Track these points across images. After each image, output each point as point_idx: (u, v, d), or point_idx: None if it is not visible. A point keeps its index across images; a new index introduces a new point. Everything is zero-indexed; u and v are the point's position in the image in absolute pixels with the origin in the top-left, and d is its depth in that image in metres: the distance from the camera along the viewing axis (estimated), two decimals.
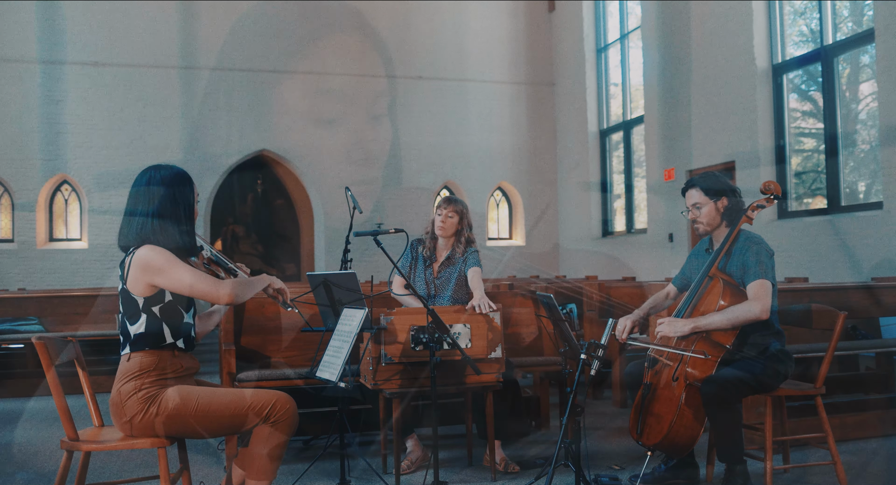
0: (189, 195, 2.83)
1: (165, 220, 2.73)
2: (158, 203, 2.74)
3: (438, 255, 4.26)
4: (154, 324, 2.69)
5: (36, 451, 4.55)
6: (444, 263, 4.22)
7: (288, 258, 14.46)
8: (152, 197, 2.75)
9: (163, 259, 2.66)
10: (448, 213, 4.19)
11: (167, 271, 2.65)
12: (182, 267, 2.67)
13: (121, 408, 2.64)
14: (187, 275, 2.66)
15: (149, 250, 2.68)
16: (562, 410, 3.50)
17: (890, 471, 3.82)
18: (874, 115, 7.33)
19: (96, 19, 11.21)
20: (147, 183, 2.78)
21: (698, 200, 3.54)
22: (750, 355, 3.36)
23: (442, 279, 4.21)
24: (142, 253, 2.68)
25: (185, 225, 2.79)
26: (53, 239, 11.34)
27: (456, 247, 4.22)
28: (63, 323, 6.94)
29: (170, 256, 2.67)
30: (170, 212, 2.75)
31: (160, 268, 2.65)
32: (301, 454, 4.33)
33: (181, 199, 2.79)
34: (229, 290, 2.69)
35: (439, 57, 12.59)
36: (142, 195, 2.76)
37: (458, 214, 4.20)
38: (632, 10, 11.69)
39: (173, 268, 2.65)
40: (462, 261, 4.20)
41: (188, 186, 2.84)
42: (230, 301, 2.70)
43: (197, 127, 11.53)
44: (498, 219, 13.31)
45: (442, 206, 4.23)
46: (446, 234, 4.21)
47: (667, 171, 9.97)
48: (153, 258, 2.66)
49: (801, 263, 7.64)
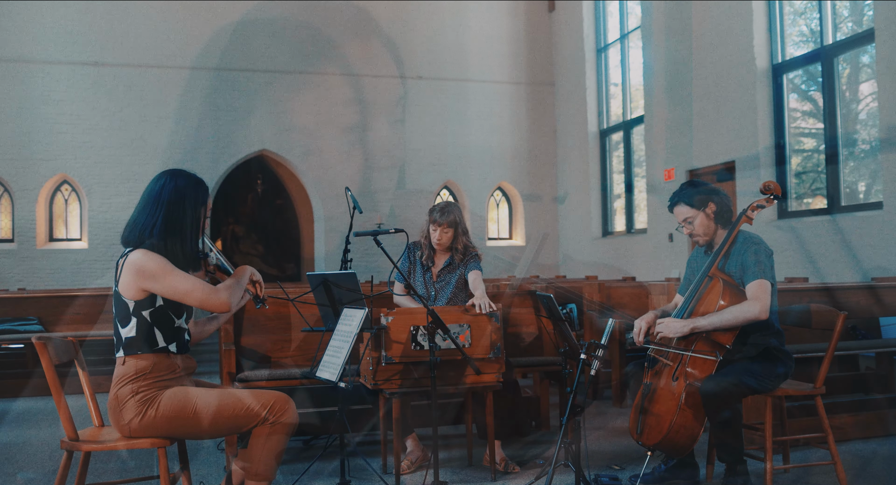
0: (198, 209, 2.75)
1: (169, 231, 2.68)
2: (165, 212, 2.69)
3: (437, 261, 4.26)
4: (145, 328, 2.65)
5: (36, 451, 4.55)
6: (445, 270, 4.23)
7: (288, 258, 14.47)
8: (161, 204, 2.70)
9: (157, 265, 2.61)
10: (444, 229, 4.15)
11: (161, 278, 2.60)
12: (177, 274, 2.62)
13: (118, 412, 2.63)
14: (183, 282, 2.61)
15: (142, 255, 2.62)
16: (562, 410, 3.50)
17: (890, 471, 3.81)
18: (874, 115, 7.33)
19: (96, 19, 11.21)
20: (160, 189, 2.72)
21: (688, 214, 3.52)
22: (750, 355, 3.36)
23: (441, 284, 4.21)
24: (135, 257, 2.63)
25: (189, 240, 2.72)
26: (53, 239, 11.34)
27: (454, 255, 4.22)
28: (63, 323, 6.95)
29: (164, 263, 2.62)
30: (175, 225, 2.69)
31: (154, 274, 2.60)
32: (301, 454, 4.33)
33: (189, 213, 2.72)
34: (226, 298, 2.65)
35: (439, 57, 12.59)
36: (152, 200, 2.72)
37: (453, 227, 4.18)
38: (632, 10, 11.69)
39: (168, 275, 2.61)
40: (462, 265, 4.21)
41: (200, 200, 2.76)
42: (227, 309, 2.67)
43: (197, 127, 11.53)
44: (498, 219, 13.31)
45: (437, 221, 4.14)
46: (443, 247, 4.21)
47: (667, 171, 9.97)
48: (147, 264, 2.61)
49: (801, 263, 7.63)
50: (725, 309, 3.28)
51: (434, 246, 4.22)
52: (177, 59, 11.46)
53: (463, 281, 4.19)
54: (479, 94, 12.82)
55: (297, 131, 11.97)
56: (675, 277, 8.57)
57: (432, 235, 4.19)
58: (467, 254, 4.22)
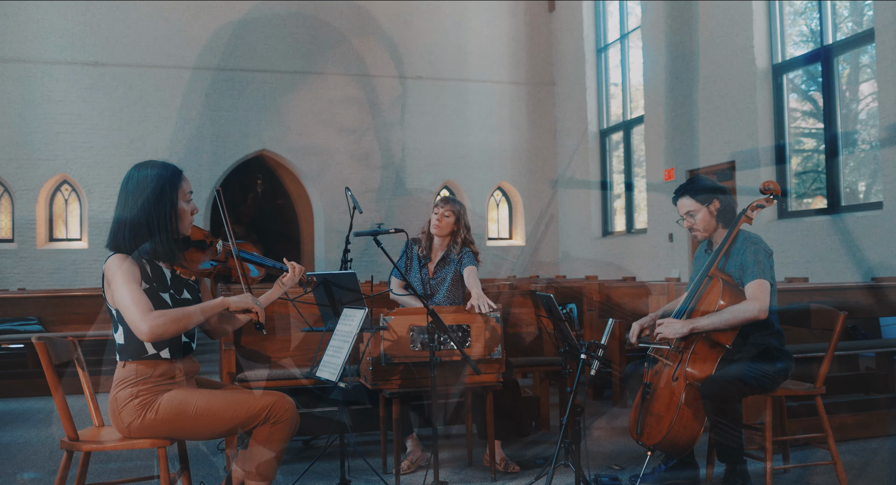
0: (169, 197, 2.64)
1: (140, 226, 2.60)
2: (134, 207, 2.61)
3: (434, 255, 4.26)
4: (131, 335, 2.60)
5: (36, 451, 4.55)
6: (440, 264, 4.22)
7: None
8: (129, 200, 2.63)
9: (111, 273, 2.55)
10: (445, 212, 4.19)
11: (113, 286, 2.55)
12: (126, 286, 2.51)
13: (118, 415, 2.62)
14: (126, 296, 2.50)
15: (111, 261, 2.59)
16: (562, 410, 3.50)
17: (890, 471, 3.81)
18: (874, 115, 7.33)
19: (96, 19, 11.21)
20: (125, 184, 2.66)
21: (691, 207, 3.53)
22: (750, 355, 3.36)
23: (437, 279, 4.21)
24: (108, 263, 2.60)
25: (161, 231, 2.61)
26: (53, 239, 11.34)
27: (452, 247, 4.22)
28: (63, 323, 6.94)
29: (123, 271, 2.53)
30: (145, 218, 2.60)
31: (109, 281, 2.57)
32: (301, 454, 4.33)
33: (160, 202, 2.62)
34: (148, 327, 2.45)
35: (439, 57, 12.59)
36: (121, 198, 2.66)
37: (455, 214, 4.20)
38: (632, 10, 11.69)
39: (118, 285, 2.52)
40: (457, 261, 4.20)
41: (169, 187, 2.65)
42: (148, 339, 2.49)
43: (197, 127, 11.53)
44: (498, 219, 13.31)
45: (439, 205, 4.23)
46: (442, 232, 4.20)
47: (667, 171, 9.97)
48: (109, 270, 2.57)
49: (801, 263, 7.63)
50: (725, 309, 3.28)
51: (432, 232, 4.21)
52: (177, 59, 11.46)
53: (458, 276, 4.19)
54: (479, 94, 12.82)
55: (297, 131, 11.97)
56: (675, 277, 8.57)
57: (433, 220, 4.20)
58: (464, 249, 4.22)
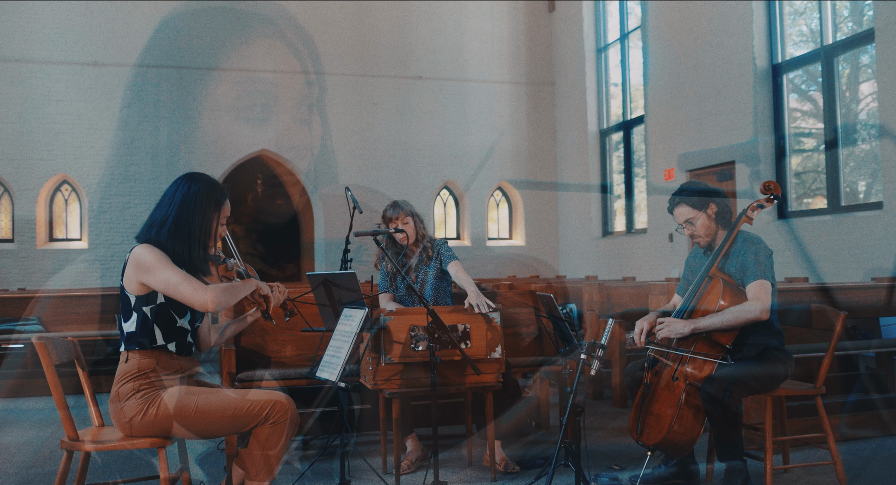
0: (209, 215, 2.75)
1: (177, 232, 2.69)
2: (176, 214, 2.71)
3: (409, 260, 4.25)
4: (145, 324, 2.67)
5: (36, 451, 4.55)
6: (417, 267, 4.22)
7: (288, 258, 14.46)
8: (173, 205, 2.72)
9: (153, 258, 2.63)
10: (403, 219, 4.14)
11: (155, 270, 2.61)
12: (170, 268, 2.62)
13: (120, 409, 2.64)
14: (173, 275, 2.60)
15: (144, 249, 2.66)
16: (562, 410, 3.50)
17: (890, 471, 3.81)
18: (874, 115, 7.33)
19: (96, 19, 11.21)
20: (175, 191, 2.75)
21: (689, 215, 3.52)
22: (750, 355, 3.36)
23: (420, 282, 4.20)
24: (138, 251, 2.66)
25: (197, 245, 2.72)
26: (53, 239, 11.34)
27: (423, 246, 4.20)
28: (63, 323, 6.94)
29: (161, 256, 2.63)
30: (183, 227, 2.71)
31: (149, 267, 2.62)
32: (301, 454, 4.33)
33: (198, 217, 2.73)
34: (212, 296, 2.60)
35: (439, 57, 12.60)
36: (166, 200, 2.75)
37: (411, 216, 4.17)
38: (632, 10, 11.69)
39: (162, 268, 2.61)
40: (435, 257, 4.19)
41: (213, 206, 2.76)
42: (212, 308, 2.62)
43: (197, 127, 11.53)
44: (498, 219, 13.31)
45: (393, 217, 4.13)
46: (412, 240, 4.18)
47: (667, 171, 9.97)
48: (145, 256, 2.63)
49: (801, 263, 7.63)
50: (726, 309, 3.28)
51: (400, 244, 4.19)
52: (177, 59, 11.46)
53: (440, 272, 4.19)
54: (479, 94, 12.82)
55: (298, 131, 11.97)
56: (675, 277, 8.56)
57: (396, 235, 4.17)
58: (434, 243, 4.21)
